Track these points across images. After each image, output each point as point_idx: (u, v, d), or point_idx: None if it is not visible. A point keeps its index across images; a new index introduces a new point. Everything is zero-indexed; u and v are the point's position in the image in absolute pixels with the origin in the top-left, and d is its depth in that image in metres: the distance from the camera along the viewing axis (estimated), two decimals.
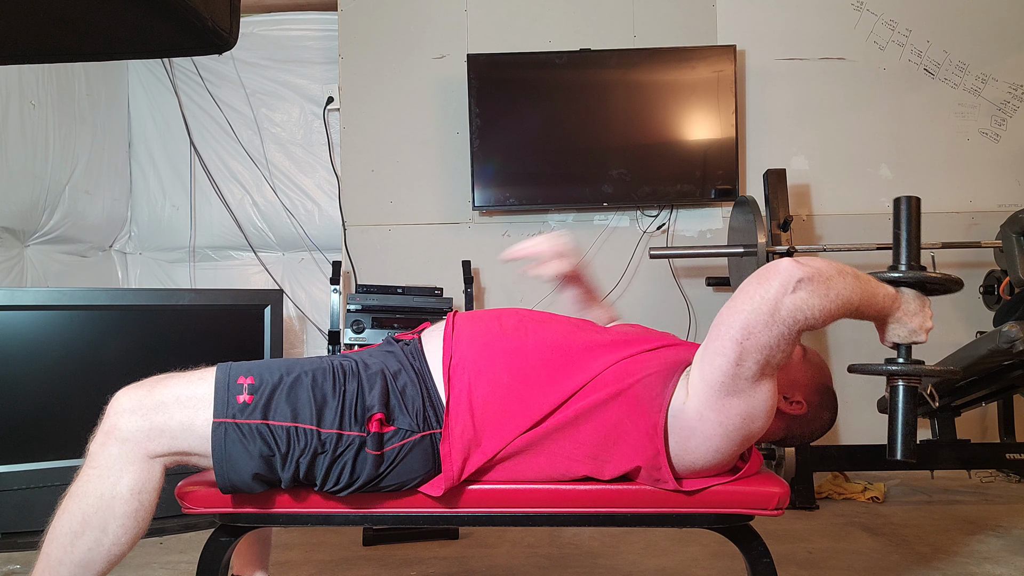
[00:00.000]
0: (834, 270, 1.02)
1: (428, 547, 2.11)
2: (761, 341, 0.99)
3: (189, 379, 1.08)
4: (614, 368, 1.13)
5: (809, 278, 0.99)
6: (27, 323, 2.21)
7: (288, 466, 1.05)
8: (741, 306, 1.00)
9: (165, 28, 1.02)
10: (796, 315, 0.98)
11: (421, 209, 3.35)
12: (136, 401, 1.03)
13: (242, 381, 1.07)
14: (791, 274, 0.99)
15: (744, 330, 0.99)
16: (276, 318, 2.53)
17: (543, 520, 1.17)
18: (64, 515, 1.01)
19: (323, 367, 1.12)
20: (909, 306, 1.10)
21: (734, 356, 1.01)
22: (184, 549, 2.10)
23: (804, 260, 1.01)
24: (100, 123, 3.39)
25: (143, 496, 1.02)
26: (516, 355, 1.15)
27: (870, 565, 1.91)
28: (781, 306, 0.98)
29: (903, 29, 3.31)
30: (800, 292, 0.98)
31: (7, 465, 2.15)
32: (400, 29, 3.37)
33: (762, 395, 1.05)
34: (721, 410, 1.05)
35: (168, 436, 1.03)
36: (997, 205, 3.27)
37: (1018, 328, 2.03)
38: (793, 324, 0.99)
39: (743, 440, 1.08)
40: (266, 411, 1.05)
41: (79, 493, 1.01)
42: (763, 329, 0.99)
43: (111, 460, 1.01)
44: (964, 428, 3.03)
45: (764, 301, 0.99)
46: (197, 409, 1.04)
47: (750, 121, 3.33)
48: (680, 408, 1.08)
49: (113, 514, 1.00)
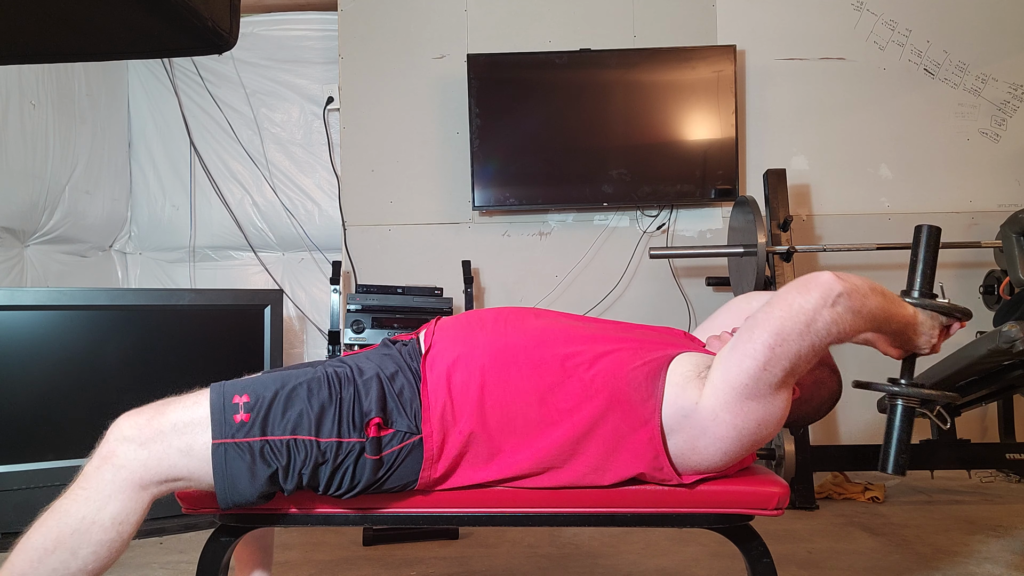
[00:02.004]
0: (867, 287, 1.04)
1: (428, 547, 2.11)
2: (792, 349, 1.00)
3: (185, 403, 1.07)
4: (600, 366, 1.13)
5: (848, 294, 1.01)
6: (27, 323, 2.21)
7: (291, 478, 1.05)
8: (778, 312, 1.02)
9: (165, 28, 1.02)
10: (831, 328, 1.00)
11: (421, 209, 3.35)
12: (136, 429, 1.02)
13: (237, 400, 1.06)
14: (832, 288, 1.00)
15: (779, 335, 1.00)
16: (276, 318, 2.53)
17: (543, 520, 1.17)
18: (40, 529, 0.99)
19: (317, 376, 1.11)
20: (923, 326, 1.12)
21: (763, 360, 1.01)
22: (184, 549, 2.10)
23: (843, 276, 1.03)
24: (100, 123, 3.39)
25: (123, 528, 1.00)
26: (495, 341, 1.16)
27: (870, 565, 1.91)
28: (819, 318, 1.00)
29: (903, 29, 3.31)
30: (838, 307, 1.00)
31: (7, 465, 2.15)
32: (400, 29, 3.37)
33: (780, 403, 1.05)
34: (739, 413, 1.04)
35: (167, 464, 1.02)
36: (997, 205, 3.27)
37: (1018, 328, 2.03)
38: (827, 337, 1.01)
39: (752, 445, 1.08)
40: (264, 427, 1.05)
41: (61, 510, 0.99)
42: (796, 338, 1.00)
43: (102, 485, 0.99)
44: (964, 428, 3.03)
45: (803, 311, 1.00)
46: (195, 433, 1.03)
47: (750, 121, 3.33)
48: (692, 408, 1.07)
49: (89, 540, 0.98)
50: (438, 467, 1.11)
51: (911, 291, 1.15)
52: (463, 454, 1.11)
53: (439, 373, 1.13)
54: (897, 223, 3.26)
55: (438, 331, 1.21)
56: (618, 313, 3.24)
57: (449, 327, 1.22)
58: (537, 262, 3.31)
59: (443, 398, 1.11)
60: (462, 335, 1.19)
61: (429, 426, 1.10)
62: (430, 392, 1.12)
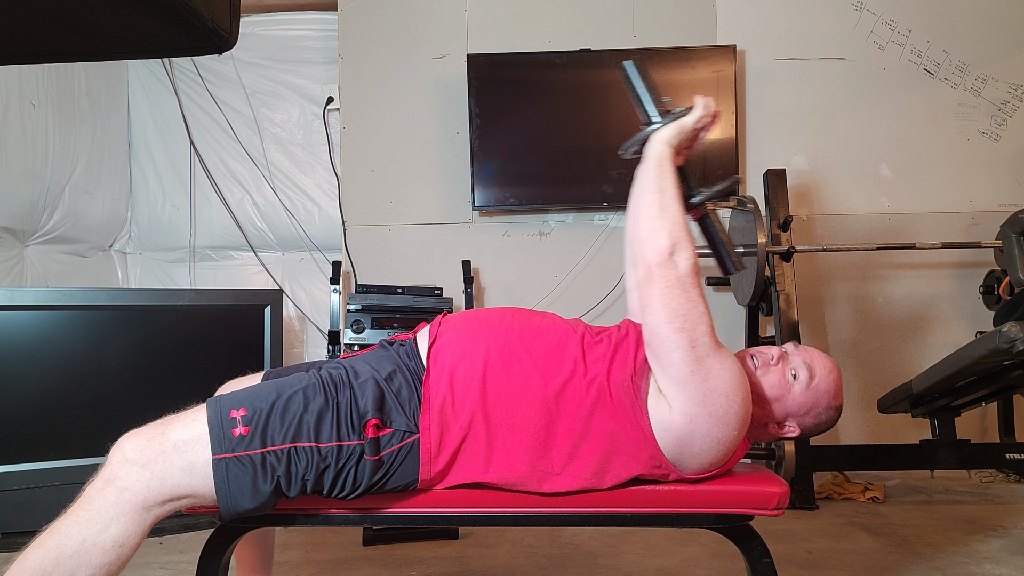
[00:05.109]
0: (655, 208, 1.12)
1: (428, 547, 2.11)
2: (694, 312, 1.07)
3: (184, 421, 1.06)
4: (594, 367, 1.15)
5: (675, 241, 1.09)
6: (27, 323, 2.21)
7: (294, 485, 1.06)
8: (656, 303, 1.08)
9: (165, 28, 1.02)
10: (689, 262, 1.09)
11: (421, 209, 3.35)
12: (137, 451, 1.02)
13: (234, 414, 1.06)
14: (661, 247, 1.08)
15: (673, 313, 1.06)
16: (276, 318, 2.53)
17: (543, 520, 1.17)
18: (39, 549, 0.98)
19: (313, 382, 1.11)
20: (677, 137, 1.19)
21: (687, 341, 1.06)
22: (184, 549, 2.10)
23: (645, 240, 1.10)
24: (100, 123, 3.39)
25: (123, 550, 1.00)
26: (500, 339, 1.17)
27: (870, 565, 1.91)
28: (679, 270, 1.08)
29: (903, 29, 3.31)
30: (678, 254, 1.09)
31: (7, 465, 2.15)
32: (400, 29, 3.37)
33: (725, 364, 1.08)
34: (705, 400, 1.07)
35: (170, 484, 1.01)
36: (997, 205, 3.27)
37: (1018, 328, 2.03)
38: (694, 268, 1.10)
39: (738, 423, 1.09)
40: (263, 439, 1.05)
41: (62, 531, 0.98)
42: (684, 301, 1.07)
43: (105, 507, 0.99)
44: (964, 428, 3.03)
45: (668, 285, 1.07)
46: (196, 451, 1.03)
47: (750, 121, 3.33)
48: (668, 422, 1.10)
49: (88, 562, 0.97)
50: (438, 461, 1.11)
51: (651, 120, 1.23)
52: (463, 448, 1.12)
53: (442, 366, 1.14)
54: (897, 223, 3.26)
55: (444, 325, 1.22)
56: (618, 313, 3.24)
57: (455, 323, 1.22)
58: (537, 262, 3.31)
59: (444, 391, 1.12)
60: (468, 331, 1.19)
61: (427, 418, 1.10)
62: (432, 384, 1.12)
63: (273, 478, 1.04)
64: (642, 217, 1.13)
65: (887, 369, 3.23)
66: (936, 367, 2.46)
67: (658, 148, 1.18)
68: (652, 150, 1.18)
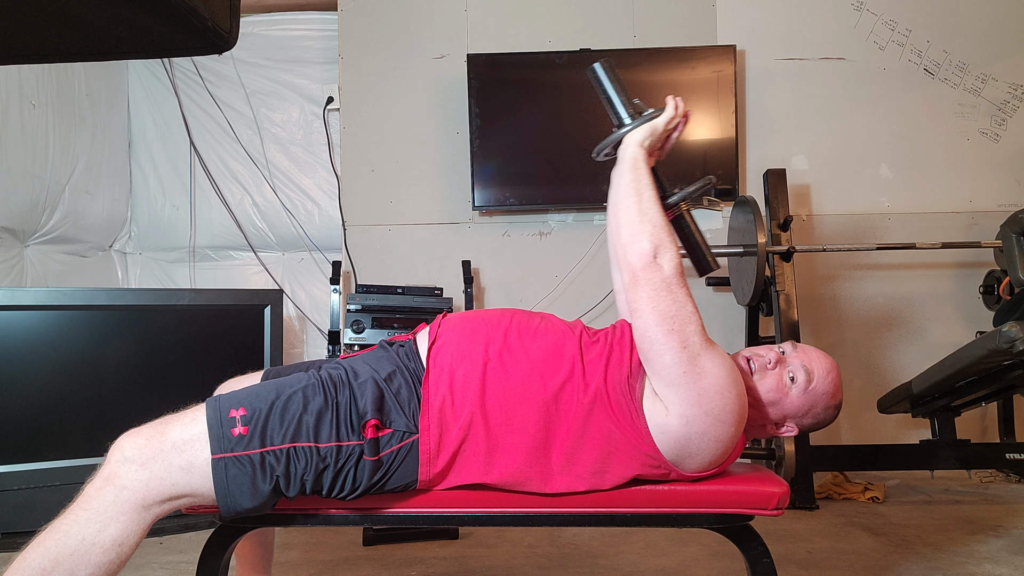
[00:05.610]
0: (635, 211, 1.14)
1: (428, 547, 2.11)
2: (682, 313, 1.07)
3: (183, 420, 1.06)
4: (592, 368, 1.15)
5: (650, 236, 1.10)
6: (27, 323, 2.21)
7: (293, 485, 1.06)
8: (645, 307, 1.08)
9: (165, 28, 1.02)
10: (673, 263, 1.10)
11: (421, 209, 3.34)
12: (136, 450, 1.02)
13: (234, 414, 1.06)
14: (644, 253, 1.10)
15: (663, 317, 1.07)
16: (276, 318, 2.53)
17: (543, 520, 1.17)
18: (38, 548, 0.97)
19: (312, 383, 1.11)
20: (650, 138, 1.24)
21: (677, 343, 1.06)
22: (184, 549, 2.10)
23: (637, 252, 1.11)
24: (100, 123, 3.39)
25: (122, 549, 1.00)
26: (500, 340, 1.17)
27: (870, 565, 1.91)
28: (664, 273, 1.09)
29: (903, 29, 3.31)
30: (661, 256, 1.09)
31: (7, 465, 2.15)
32: (400, 29, 3.37)
33: (717, 362, 1.08)
34: (700, 400, 1.07)
35: (169, 483, 1.01)
36: (997, 205, 3.27)
37: (1018, 328, 2.03)
38: (678, 270, 1.10)
39: (735, 420, 1.09)
40: (263, 439, 1.05)
41: (61, 530, 0.98)
42: (672, 303, 1.07)
43: (105, 506, 0.99)
44: (964, 428, 3.03)
45: (655, 288, 1.08)
46: (195, 450, 1.03)
47: (750, 121, 3.33)
48: (665, 424, 1.10)
49: (88, 562, 0.97)
50: (437, 462, 1.11)
51: (623, 123, 1.26)
52: (462, 449, 1.12)
53: (442, 367, 1.14)
54: (897, 223, 3.26)
55: (443, 326, 1.22)
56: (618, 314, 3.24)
57: (455, 324, 1.22)
58: (537, 262, 3.31)
59: (444, 391, 1.12)
60: (467, 332, 1.19)
61: (427, 419, 1.10)
62: (431, 385, 1.12)
63: (272, 478, 1.04)
64: (622, 222, 1.14)
65: (887, 369, 3.23)
66: (936, 367, 2.46)
67: (632, 151, 1.20)
68: (626, 153, 1.19)
